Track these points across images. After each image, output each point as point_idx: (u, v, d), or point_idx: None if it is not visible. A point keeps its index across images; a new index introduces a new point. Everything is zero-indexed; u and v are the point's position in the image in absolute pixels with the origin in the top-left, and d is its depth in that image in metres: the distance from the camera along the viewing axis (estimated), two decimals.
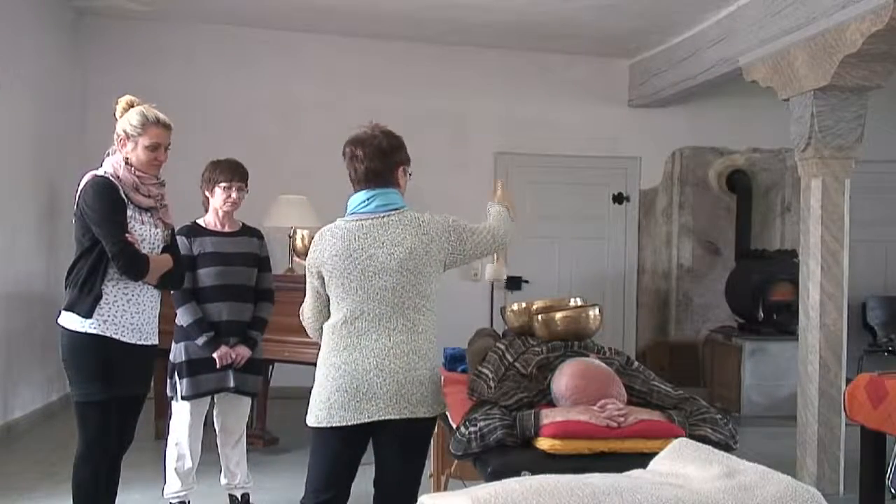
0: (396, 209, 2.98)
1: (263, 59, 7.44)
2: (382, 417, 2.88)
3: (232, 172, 4.23)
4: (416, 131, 7.43)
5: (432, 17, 6.88)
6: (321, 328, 3.05)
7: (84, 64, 7.18)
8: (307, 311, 3.10)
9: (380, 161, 2.99)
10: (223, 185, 4.21)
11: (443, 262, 3.00)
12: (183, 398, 4.14)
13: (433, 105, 7.67)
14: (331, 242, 2.96)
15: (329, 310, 3.02)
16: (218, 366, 4.14)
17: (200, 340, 4.11)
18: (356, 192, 3.02)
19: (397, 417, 2.88)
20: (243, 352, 4.20)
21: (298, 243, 5.72)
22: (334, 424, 2.91)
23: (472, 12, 6.66)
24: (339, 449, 2.96)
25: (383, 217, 2.95)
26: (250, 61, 7.42)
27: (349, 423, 2.89)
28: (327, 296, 3.01)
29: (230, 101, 7.35)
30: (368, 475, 3.04)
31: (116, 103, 3.44)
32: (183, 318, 4.13)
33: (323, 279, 2.99)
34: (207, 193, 4.26)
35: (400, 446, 2.95)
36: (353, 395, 2.88)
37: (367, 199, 2.97)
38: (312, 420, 2.96)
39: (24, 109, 6.17)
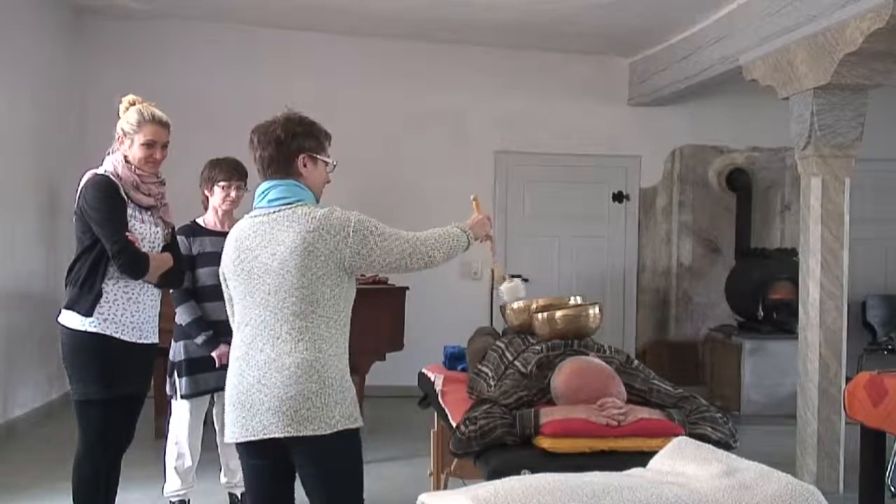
0: (288, 203, 2.68)
1: (263, 57, 7.43)
2: (267, 436, 2.63)
3: (231, 171, 4.23)
4: (417, 130, 7.60)
5: (432, 15, 6.87)
6: None
7: (83, 63, 7.17)
8: (228, 314, 2.91)
9: (274, 149, 2.71)
10: (222, 183, 4.21)
11: (340, 265, 2.64)
12: (182, 397, 4.15)
13: (433, 103, 7.67)
14: (228, 243, 2.78)
15: None
16: (217, 365, 4.14)
17: (199, 339, 4.11)
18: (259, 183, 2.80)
19: (281, 436, 2.62)
20: None
21: None
22: (229, 440, 2.78)
23: (473, 11, 6.65)
24: (255, 463, 2.78)
25: (274, 213, 2.69)
26: (250, 60, 7.42)
27: (240, 440, 2.71)
28: None
29: (230, 100, 7.33)
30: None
31: (119, 102, 3.46)
32: (182, 317, 4.13)
33: (227, 282, 2.81)
34: (207, 192, 4.26)
35: (301, 466, 2.73)
36: (240, 410, 2.68)
37: (263, 193, 2.74)
38: (225, 434, 2.84)
39: (23, 108, 6.16)
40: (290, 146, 2.73)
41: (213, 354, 4.12)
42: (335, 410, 2.64)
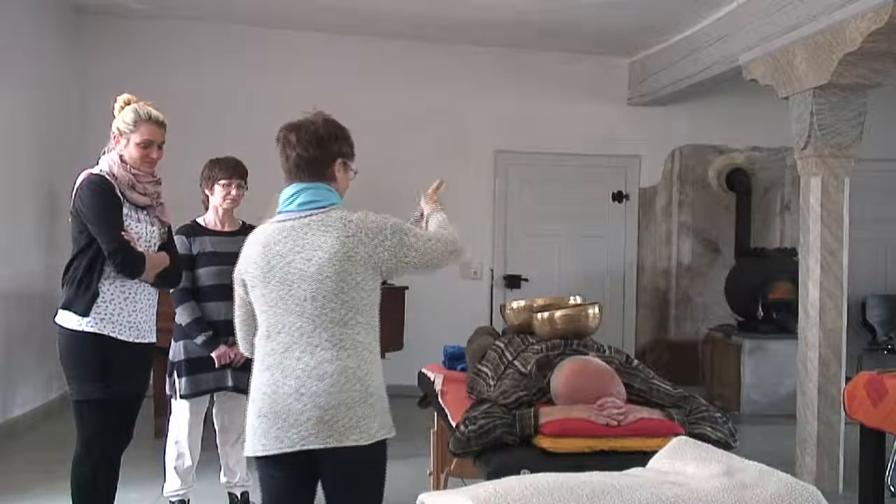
0: (321, 207, 2.61)
1: (263, 57, 7.42)
2: (305, 447, 2.51)
3: (231, 170, 4.23)
4: (416, 129, 7.60)
5: (432, 15, 6.87)
6: (252, 342, 2.71)
7: (83, 62, 7.16)
8: (235, 321, 2.79)
9: (315, 149, 2.65)
10: (223, 182, 4.21)
11: (378, 268, 2.59)
12: (182, 397, 4.15)
13: (433, 103, 7.66)
14: (252, 248, 2.66)
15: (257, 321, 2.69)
16: (217, 365, 4.14)
17: (199, 340, 4.11)
18: (286, 186, 2.68)
19: (321, 447, 2.51)
20: None
21: None
22: (258, 454, 2.60)
23: (473, 10, 6.65)
24: (278, 477, 2.65)
25: (305, 217, 2.59)
26: (250, 59, 7.41)
27: (271, 453, 2.56)
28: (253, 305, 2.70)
29: (230, 100, 7.33)
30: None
31: (115, 101, 3.44)
32: (181, 317, 4.13)
33: (246, 287, 2.68)
34: (207, 192, 4.26)
35: (334, 478, 2.61)
36: (273, 421, 2.54)
37: (292, 196, 2.63)
38: (246, 447, 2.67)
39: (23, 108, 6.15)
40: (332, 149, 2.70)
41: (213, 355, 4.12)
42: (375, 420, 2.57)
